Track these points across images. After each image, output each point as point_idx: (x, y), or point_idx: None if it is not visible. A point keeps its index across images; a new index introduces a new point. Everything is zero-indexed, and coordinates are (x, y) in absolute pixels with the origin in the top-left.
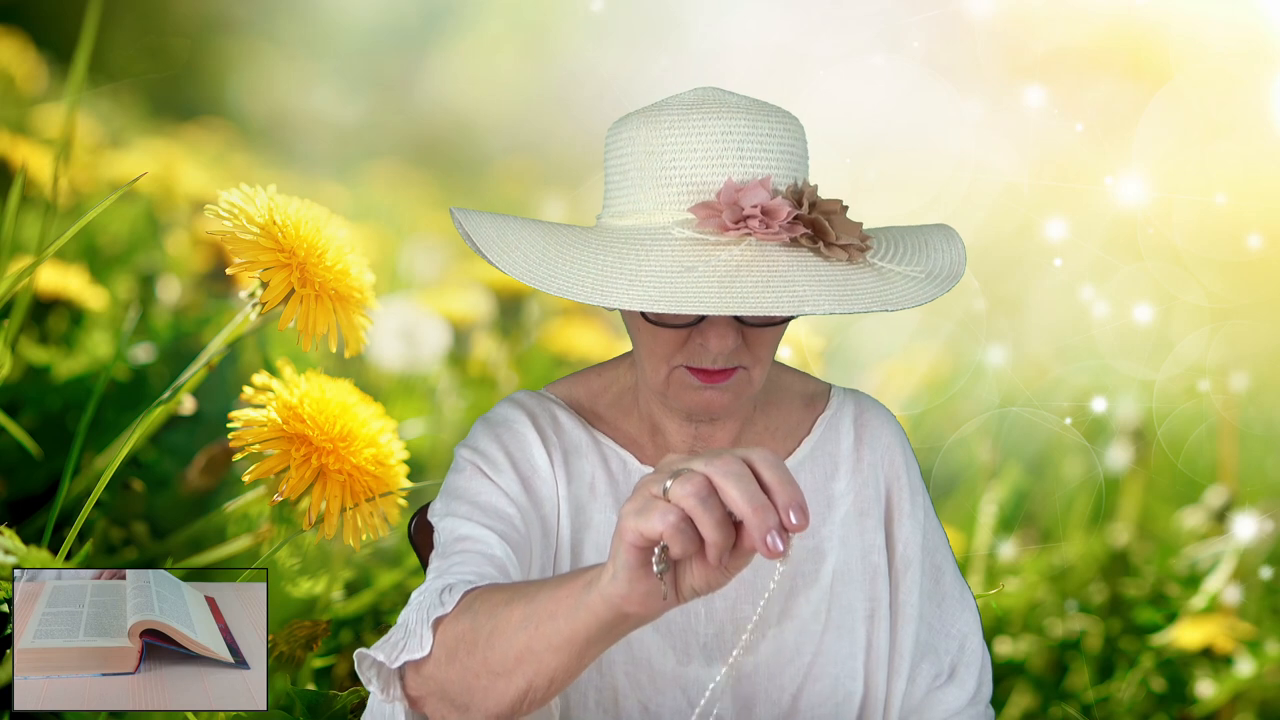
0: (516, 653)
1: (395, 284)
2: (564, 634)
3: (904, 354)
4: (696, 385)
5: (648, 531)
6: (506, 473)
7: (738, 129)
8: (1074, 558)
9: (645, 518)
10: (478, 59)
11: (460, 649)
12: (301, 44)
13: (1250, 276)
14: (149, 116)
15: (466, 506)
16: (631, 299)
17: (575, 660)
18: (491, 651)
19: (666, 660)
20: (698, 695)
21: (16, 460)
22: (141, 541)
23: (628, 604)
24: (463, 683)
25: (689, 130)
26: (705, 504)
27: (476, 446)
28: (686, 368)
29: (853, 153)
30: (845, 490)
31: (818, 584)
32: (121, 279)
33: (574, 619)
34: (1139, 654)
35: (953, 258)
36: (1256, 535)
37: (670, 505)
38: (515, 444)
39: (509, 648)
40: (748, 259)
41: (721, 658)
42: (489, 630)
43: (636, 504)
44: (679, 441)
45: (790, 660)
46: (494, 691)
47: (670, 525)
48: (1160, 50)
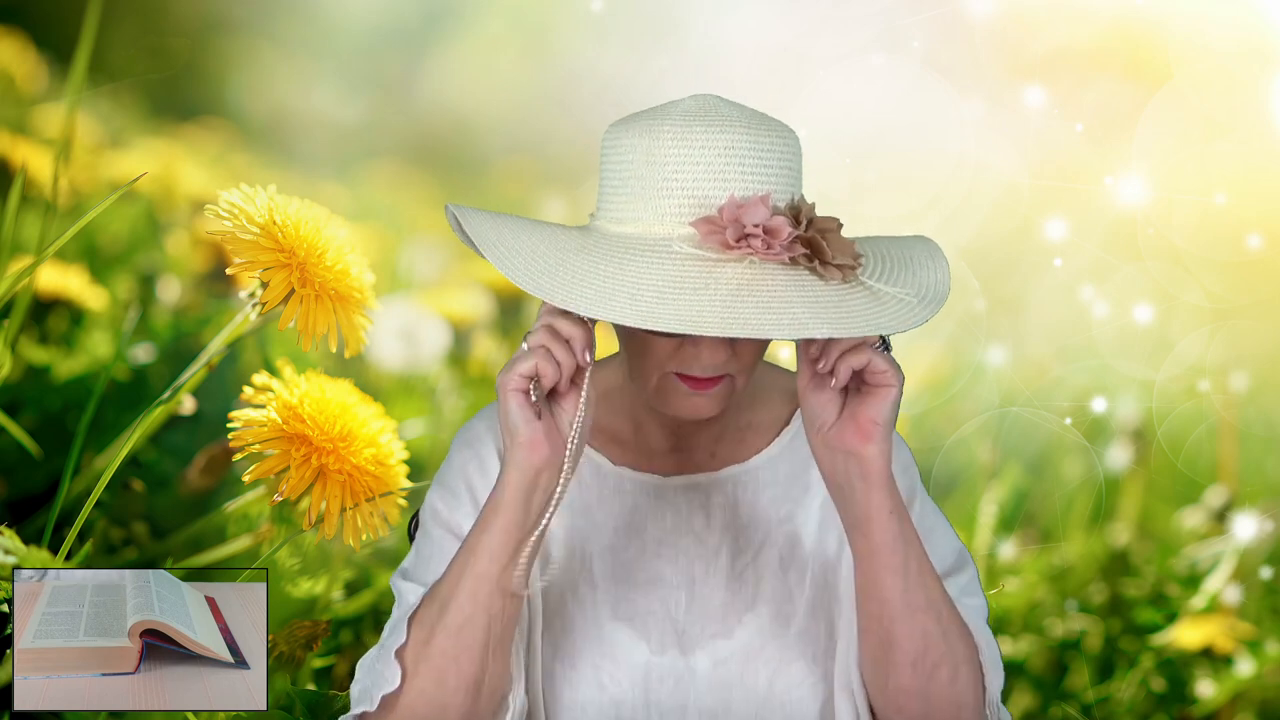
0: (467, 590)
1: (395, 284)
2: (495, 536)
3: (904, 354)
4: (685, 391)
5: (524, 370)
6: (465, 507)
7: (740, 143)
8: (1074, 558)
9: (516, 364)
10: (478, 59)
11: (425, 642)
12: (301, 44)
13: (1250, 276)
14: (149, 116)
15: (423, 572)
16: (633, 315)
17: (514, 555)
18: (447, 613)
19: (639, 650)
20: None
21: (16, 460)
22: (141, 541)
23: (534, 452)
24: (437, 677)
25: (691, 143)
26: (554, 340)
27: (444, 481)
28: (676, 374)
29: (853, 153)
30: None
31: (795, 566)
32: (121, 279)
33: (497, 516)
34: (1139, 654)
35: (938, 277)
36: (1256, 535)
37: (530, 348)
38: (476, 469)
39: (458, 593)
40: (748, 279)
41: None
42: (438, 606)
43: (507, 366)
44: (660, 438)
45: (768, 641)
46: (462, 654)
47: (538, 357)
48: (1160, 50)
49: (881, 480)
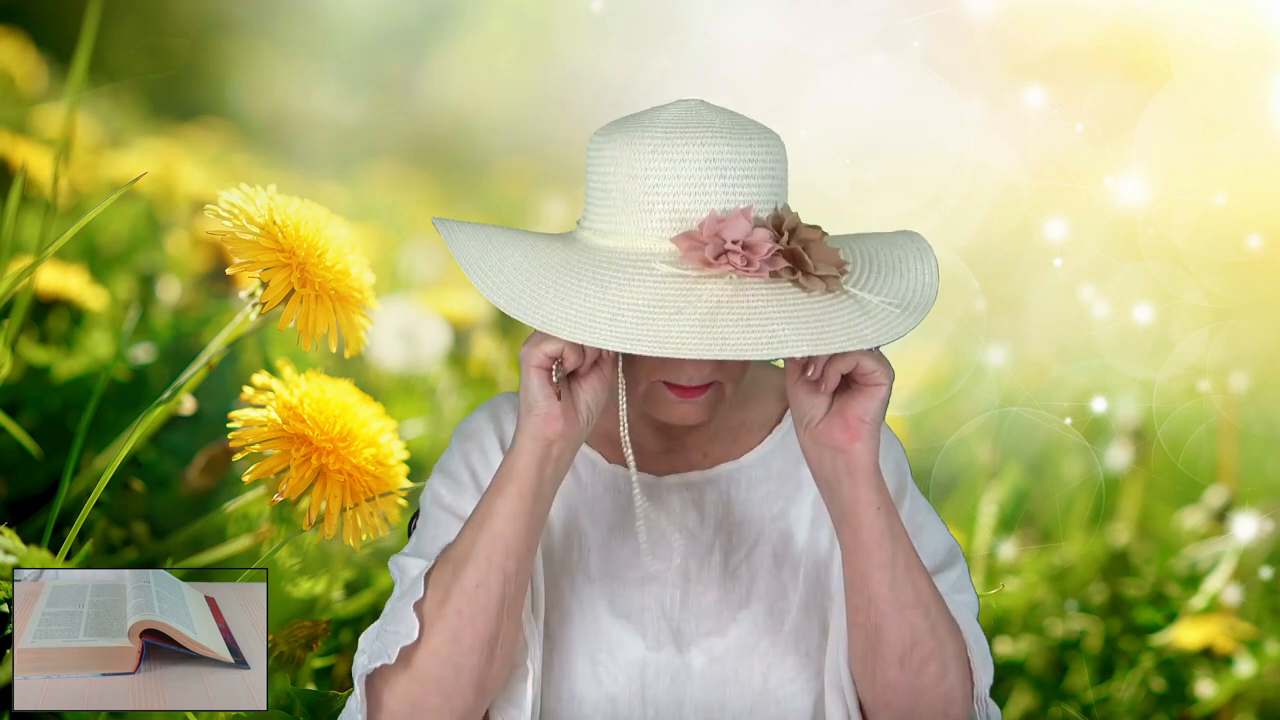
0: (483, 552)
1: (395, 284)
2: (510, 501)
3: (904, 354)
4: (673, 399)
5: (550, 351)
6: (469, 492)
7: (721, 156)
8: (1074, 558)
9: (542, 346)
10: (478, 59)
11: (441, 602)
12: (301, 44)
13: (1250, 276)
14: (149, 116)
15: (428, 548)
16: (614, 339)
17: (527, 520)
18: (462, 574)
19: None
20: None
21: (16, 460)
22: (141, 541)
23: (549, 424)
24: (453, 636)
25: (672, 156)
26: None
27: (446, 468)
28: (664, 383)
29: (853, 153)
30: None
31: (788, 563)
32: (121, 279)
33: (510, 482)
34: (1139, 654)
35: (926, 280)
36: (1256, 535)
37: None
38: (480, 459)
39: (474, 554)
40: (728, 295)
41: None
42: (452, 567)
43: (533, 341)
44: (653, 440)
45: (762, 638)
46: (478, 614)
47: (565, 343)
48: (1160, 50)
49: (868, 476)
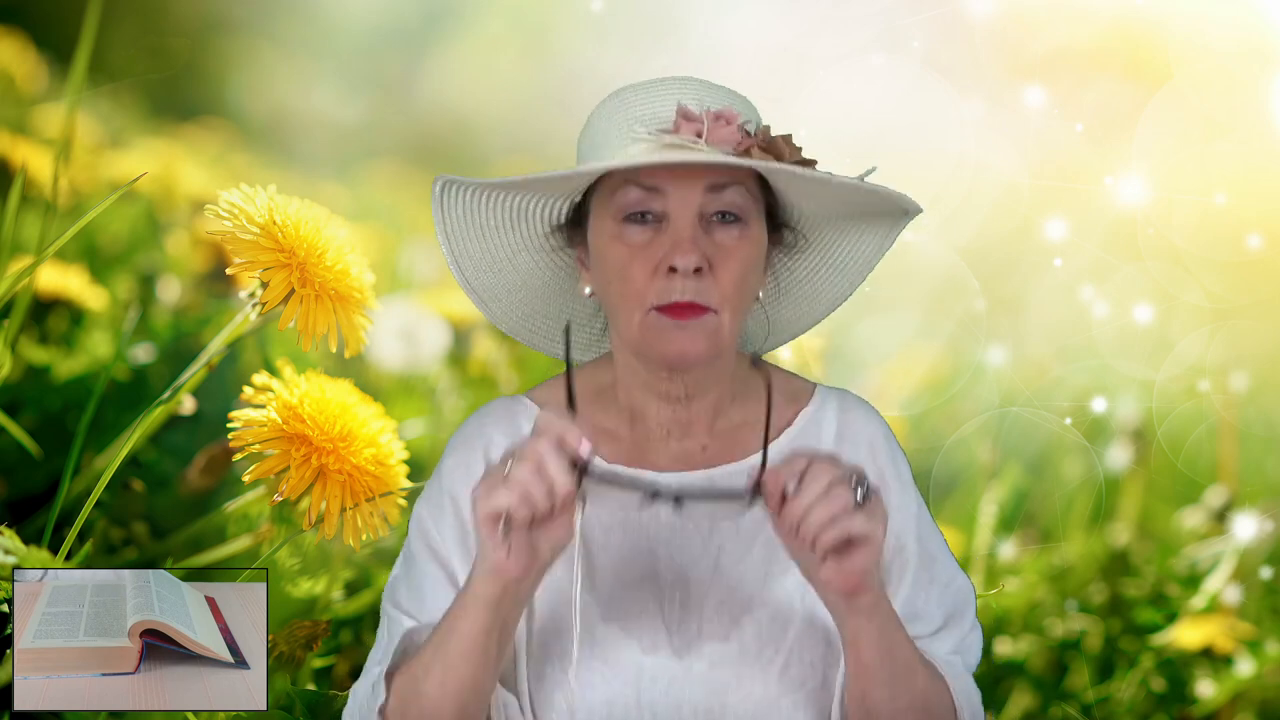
0: (438, 680)
1: (395, 284)
2: (466, 636)
3: (904, 354)
4: (669, 325)
5: (497, 507)
6: (447, 518)
7: (699, 89)
8: (1074, 558)
9: (491, 498)
10: (478, 59)
11: (402, 713)
12: (301, 44)
13: (1250, 276)
14: (149, 116)
15: (408, 598)
16: (587, 173)
17: (483, 657)
18: (423, 685)
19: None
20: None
21: (16, 460)
22: (141, 541)
23: (502, 572)
24: None
25: (650, 91)
26: (537, 480)
27: (430, 490)
28: (657, 310)
29: (853, 153)
30: None
31: (792, 569)
32: (121, 279)
33: (467, 618)
34: (1139, 654)
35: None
36: (1256, 535)
37: (511, 482)
38: (463, 477)
39: (432, 681)
40: (705, 154)
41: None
42: (413, 685)
43: (485, 488)
44: (657, 425)
45: (765, 645)
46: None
47: (515, 498)
48: (1160, 50)
49: (871, 612)
